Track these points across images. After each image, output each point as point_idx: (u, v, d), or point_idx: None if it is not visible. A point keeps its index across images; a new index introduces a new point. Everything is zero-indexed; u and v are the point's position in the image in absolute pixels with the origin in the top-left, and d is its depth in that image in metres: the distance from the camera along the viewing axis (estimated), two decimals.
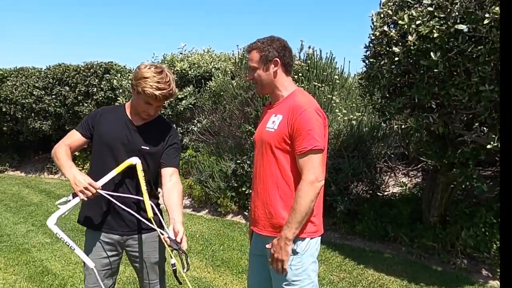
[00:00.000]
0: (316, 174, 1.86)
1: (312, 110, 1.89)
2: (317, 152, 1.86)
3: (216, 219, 5.92)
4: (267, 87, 2.04)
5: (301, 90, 2.08)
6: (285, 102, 2.00)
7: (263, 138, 2.03)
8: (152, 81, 2.01)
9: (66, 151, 2.13)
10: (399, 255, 4.32)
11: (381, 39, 3.65)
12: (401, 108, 3.60)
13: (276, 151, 1.95)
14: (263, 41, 1.99)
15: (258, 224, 2.08)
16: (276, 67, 1.98)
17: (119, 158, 2.14)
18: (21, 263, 4.37)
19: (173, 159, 2.21)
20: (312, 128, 1.85)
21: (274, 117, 1.99)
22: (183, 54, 7.32)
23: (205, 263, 4.29)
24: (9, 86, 9.06)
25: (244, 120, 5.74)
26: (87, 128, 2.20)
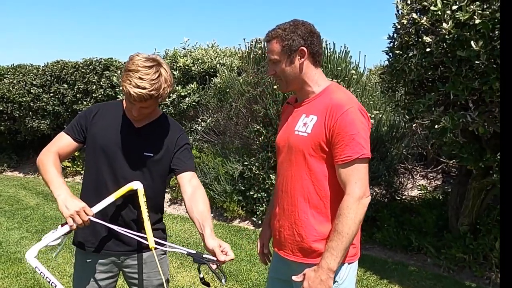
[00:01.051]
0: (364, 188, 1.52)
1: (355, 109, 1.55)
2: (363, 161, 1.53)
3: (222, 224, 5.54)
4: (293, 83, 1.68)
5: (337, 85, 1.71)
6: (319, 100, 1.65)
7: (291, 143, 1.66)
8: (134, 77, 1.62)
9: (55, 161, 1.75)
10: (425, 268, 3.92)
11: (409, 27, 3.25)
12: (431, 106, 3.20)
13: (309, 160, 1.60)
14: (284, 28, 1.62)
15: (284, 247, 1.72)
16: (303, 58, 1.62)
17: (117, 168, 1.79)
18: (12, 275, 4.01)
19: (188, 162, 1.86)
20: (357, 132, 1.51)
21: (305, 118, 1.64)
22: (186, 49, 6.93)
23: (211, 276, 3.91)
24: (6, 84, 8.71)
25: (252, 119, 5.35)
26: (79, 130, 1.82)
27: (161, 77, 1.65)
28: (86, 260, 1.85)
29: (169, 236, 5.02)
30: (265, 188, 5.20)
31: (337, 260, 1.51)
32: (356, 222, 1.50)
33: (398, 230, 4.38)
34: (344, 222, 1.49)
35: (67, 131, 1.83)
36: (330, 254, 1.51)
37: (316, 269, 1.53)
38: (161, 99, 1.70)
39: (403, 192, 5.41)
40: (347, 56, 5.33)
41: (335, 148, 1.53)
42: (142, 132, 1.83)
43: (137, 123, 1.83)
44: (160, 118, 1.88)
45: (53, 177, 1.68)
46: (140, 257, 1.89)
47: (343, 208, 1.51)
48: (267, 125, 5.17)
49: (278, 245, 1.77)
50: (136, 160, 1.80)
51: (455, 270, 3.80)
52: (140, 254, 1.88)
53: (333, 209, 1.58)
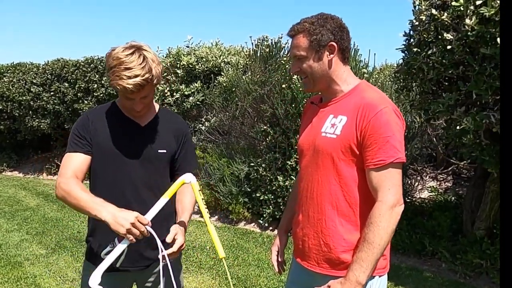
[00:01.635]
0: (398, 195, 1.39)
1: (390, 110, 1.42)
2: (398, 166, 1.40)
3: (227, 227, 5.40)
4: (321, 82, 1.54)
5: (368, 83, 1.58)
6: (348, 99, 1.51)
7: (317, 145, 1.52)
8: (120, 70, 1.50)
9: (80, 185, 1.58)
10: (440, 273, 3.78)
11: (428, 24, 3.11)
12: (452, 106, 3.06)
13: (339, 164, 1.47)
14: (312, 21, 1.49)
15: (308, 258, 1.58)
16: (332, 55, 1.49)
17: (132, 173, 1.67)
18: (12, 280, 3.87)
19: (193, 163, 1.83)
20: (392, 134, 1.39)
21: (333, 119, 1.50)
22: (190, 48, 6.79)
23: (218, 282, 3.77)
24: (5, 83, 8.59)
25: (259, 119, 5.21)
26: (84, 143, 1.65)
27: (147, 58, 1.53)
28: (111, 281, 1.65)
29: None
30: (272, 190, 5.06)
31: (366, 272, 1.38)
32: (388, 232, 1.37)
33: (410, 234, 4.24)
34: (376, 231, 1.36)
35: (73, 149, 1.65)
36: (359, 266, 1.37)
37: (343, 281, 1.40)
38: (156, 81, 1.57)
39: (413, 194, 5.27)
40: (357, 54, 5.19)
41: (367, 151, 1.40)
42: (150, 130, 1.72)
43: (141, 121, 1.71)
44: (160, 111, 1.79)
45: (90, 200, 1.52)
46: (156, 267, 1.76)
47: (374, 216, 1.38)
48: (275, 125, 5.03)
49: (301, 255, 1.63)
50: (151, 160, 1.70)
51: (472, 276, 3.66)
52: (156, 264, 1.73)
53: (362, 217, 1.45)
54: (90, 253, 1.75)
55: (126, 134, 1.69)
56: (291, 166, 4.91)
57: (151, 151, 1.70)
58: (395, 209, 1.37)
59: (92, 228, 1.76)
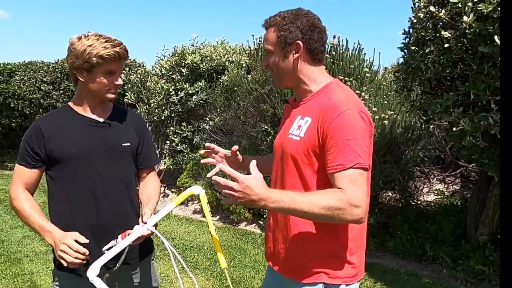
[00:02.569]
0: (363, 199, 1.26)
1: (354, 112, 1.33)
2: (360, 171, 1.29)
3: (227, 227, 5.35)
4: (287, 79, 1.48)
5: (339, 82, 1.49)
6: (316, 99, 1.45)
7: (284, 147, 1.48)
8: (100, 43, 1.57)
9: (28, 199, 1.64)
10: (440, 279, 3.66)
11: (426, 21, 3.00)
12: (449, 106, 2.95)
13: (302, 167, 1.41)
14: (284, 16, 1.43)
15: (278, 262, 1.54)
16: (297, 54, 1.42)
17: (101, 170, 1.66)
18: (9, 276, 3.90)
19: (154, 157, 1.91)
20: (353, 138, 1.29)
21: (300, 121, 1.45)
22: (195, 46, 6.76)
23: (212, 283, 3.73)
24: (17, 81, 8.70)
25: (260, 118, 5.15)
26: (31, 155, 1.64)
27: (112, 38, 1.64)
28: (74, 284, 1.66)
29: (173, 238, 4.87)
30: None
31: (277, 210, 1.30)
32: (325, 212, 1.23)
33: (412, 238, 4.12)
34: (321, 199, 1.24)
35: (23, 162, 1.66)
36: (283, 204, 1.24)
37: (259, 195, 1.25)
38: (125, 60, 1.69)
39: (418, 197, 5.13)
40: (361, 53, 5.08)
41: (327, 154, 1.32)
42: (110, 124, 1.72)
43: (99, 117, 1.71)
44: (116, 107, 1.81)
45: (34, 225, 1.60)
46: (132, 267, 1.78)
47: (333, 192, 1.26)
48: (276, 125, 4.96)
49: (273, 259, 1.59)
50: (117, 154, 1.70)
51: (473, 283, 3.53)
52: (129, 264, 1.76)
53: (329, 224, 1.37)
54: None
55: (87, 133, 1.68)
56: None
57: (115, 144, 1.71)
58: (354, 209, 1.23)
59: None
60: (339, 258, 1.42)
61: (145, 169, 1.84)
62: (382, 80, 5.18)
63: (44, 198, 1.77)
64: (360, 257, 1.48)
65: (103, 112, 1.73)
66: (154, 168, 1.91)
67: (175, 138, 6.53)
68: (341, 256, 1.42)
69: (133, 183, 1.80)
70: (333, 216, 1.24)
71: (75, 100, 1.73)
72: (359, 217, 1.26)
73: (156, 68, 7.07)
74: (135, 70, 7.40)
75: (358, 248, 1.47)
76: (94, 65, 1.59)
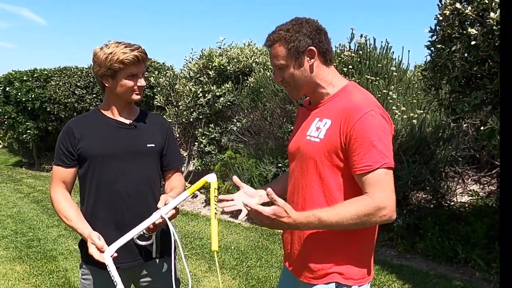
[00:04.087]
0: (390, 201, 1.30)
1: (376, 113, 1.35)
2: (387, 171, 1.32)
3: (254, 228, 5.38)
4: (305, 87, 1.49)
5: (355, 84, 1.51)
6: (334, 101, 1.46)
7: (302, 150, 1.48)
8: (120, 49, 1.67)
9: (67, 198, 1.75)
10: (472, 283, 3.56)
11: (452, 19, 2.93)
12: (478, 105, 2.87)
13: (321, 169, 1.41)
14: (287, 28, 1.44)
15: (294, 263, 1.55)
16: (313, 59, 1.44)
17: (128, 171, 1.75)
18: (45, 273, 4.08)
19: (179, 158, 1.99)
20: (378, 139, 1.32)
21: (319, 122, 1.45)
22: (222, 49, 6.84)
23: (238, 282, 3.77)
24: (52, 86, 9.07)
25: (286, 119, 5.16)
26: (66, 155, 1.75)
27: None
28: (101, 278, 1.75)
29: (201, 238, 4.94)
30: None
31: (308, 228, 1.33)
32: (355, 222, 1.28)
33: (443, 240, 4.02)
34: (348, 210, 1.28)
35: (59, 163, 1.77)
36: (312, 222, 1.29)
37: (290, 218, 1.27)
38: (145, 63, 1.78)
39: (451, 198, 4.98)
40: (389, 52, 5.01)
41: (353, 156, 1.33)
42: (136, 126, 1.81)
43: (126, 119, 1.80)
44: (141, 111, 1.90)
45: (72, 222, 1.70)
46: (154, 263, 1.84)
47: (359, 201, 1.30)
48: None
49: (289, 260, 1.60)
50: (142, 155, 1.78)
51: None
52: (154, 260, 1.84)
53: None
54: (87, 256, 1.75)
55: (114, 134, 1.77)
56: None
57: (141, 145, 1.79)
58: (382, 211, 1.27)
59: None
60: (354, 258, 1.42)
61: (170, 170, 1.91)
62: (412, 79, 5.07)
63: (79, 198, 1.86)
64: (369, 257, 1.48)
65: (130, 115, 1.82)
66: (179, 169, 1.98)
67: (203, 140, 6.64)
68: (356, 257, 1.42)
69: (158, 183, 1.87)
70: (364, 223, 1.29)
71: (103, 104, 1.84)
72: (388, 216, 1.29)
73: (184, 71, 7.20)
74: (164, 73, 7.56)
75: (371, 249, 1.48)
76: (117, 71, 1.68)
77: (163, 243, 1.83)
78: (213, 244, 1.50)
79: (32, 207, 6.75)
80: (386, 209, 1.27)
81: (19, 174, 10.08)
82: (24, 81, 9.50)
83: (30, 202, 7.14)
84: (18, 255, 4.55)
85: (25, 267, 4.20)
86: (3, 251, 4.70)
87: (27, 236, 5.25)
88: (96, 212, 1.76)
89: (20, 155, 11.57)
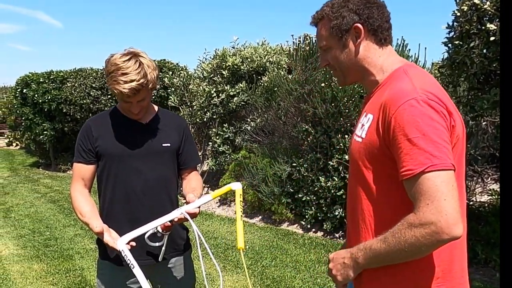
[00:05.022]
0: (439, 214, 0.98)
1: (419, 101, 1.06)
2: (437, 175, 1.02)
3: (269, 227, 5.37)
4: (352, 73, 1.29)
5: (408, 66, 1.22)
6: (380, 91, 1.22)
7: (350, 151, 1.31)
8: (117, 75, 1.61)
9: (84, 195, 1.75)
10: (493, 284, 3.49)
11: (470, 14, 2.88)
12: (497, 102, 2.81)
13: (366, 173, 1.19)
14: (332, 3, 1.25)
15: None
16: (359, 39, 1.23)
17: (143, 170, 1.76)
18: (62, 271, 4.12)
19: (195, 158, 1.97)
20: (421, 135, 1.03)
21: (363, 118, 1.24)
22: (235, 48, 6.84)
23: (253, 282, 3.76)
24: (68, 88, 9.18)
25: (301, 118, 5.13)
26: (86, 152, 1.77)
27: (143, 64, 1.64)
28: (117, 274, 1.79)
29: (215, 238, 4.95)
30: (314, 191, 4.96)
31: (366, 260, 1.13)
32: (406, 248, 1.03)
33: None
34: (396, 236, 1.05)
35: (79, 160, 1.79)
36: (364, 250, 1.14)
37: (347, 250, 1.20)
38: (152, 85, 1.69)
39: (470, 198, 4.90)
40: (405, 49, 4.94)
41: (396, 158, 1.09)
42: (152, 126, 1.82)
43: (143, 119, 1.81)
44: (160, 111, 1.90)
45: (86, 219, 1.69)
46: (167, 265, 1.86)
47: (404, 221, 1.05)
48: (316, 124, 4.93)
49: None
50: (157, 154, 1.80)
51: None
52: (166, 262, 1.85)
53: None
54: (104, 252, 1.82)
55: (130, 133, 1.78)
56: (333, 166, 4.78)
57: (156, 145, 1.80)
58: (432, 228, 0.99)
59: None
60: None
61: (187, 169, 1.92)
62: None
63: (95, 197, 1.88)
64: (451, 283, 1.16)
65: (147, 114, 1.82)
66: (196, 168, 1.99)
67: (217, 140, 6.64)
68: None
69: (173, 181, 1.88)
70: (419, 247, 1.02)
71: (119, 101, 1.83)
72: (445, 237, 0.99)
73: (198, 71, 7.22)
74: (178, 73, 7.59)
75: (447, 275, 1.15)
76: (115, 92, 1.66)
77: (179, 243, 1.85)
78: (239, 242, 1.52)
79: (49, 207, 6.84)
80: (434, 225, 0.98)
81: (36, 174, 10.24)
82: (41, 83, 9.64)
83: (47, 202, 7.24)
84: (35, 254, 4.61)
85: (42, 266, 4.26)
86: (21, 250, 4.77)
87: (44, 235, 5.32)
88: (112, 210, 1.78)
89: (37, 156, 11.74)
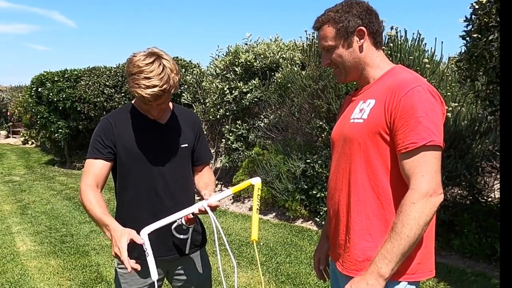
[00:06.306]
0: (434, 183, 1.23)
1: (424, 88, 1.28)
2: (433, 150, 1.25)
3: (283, 224, 5.35)
4: (354, 70, 1.45)
5: (402, 67, 1.45)
6: (378, 84, 1.42)
7: (345, 133, 1.43)
8: (139, 78, 1.55)
9: (96, 196, 1.62)
10: None
11: (489, 7, 2.81)
12: None
13: (366, 150, 1.35)
14: (336, 9, 1.42)
15: (338, 257, 1.48)
16: (363, 39, 1.41)
17: (162, 170, 1.75)
18: (78, 267, 4.16)
19: (208, 153, 1.99)
20: (425, 115, 1.24)
21: (362, 104, 1.41)
22: (248, 45, 6.81)
23: (267, 278, 3.74)
24: (82, 86, 9.26)
25: (315, 114, 5.09)
26: (107, 149, 1.71)
27: (166, 68, 1.59)
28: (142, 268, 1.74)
29: (229, 234, 4.95)
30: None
31: (390, 265, 1.24)
32: (420, 223, 1.21)
33: (480, 237, 3.88)
34: (405, 221, 1.22)
35: (94, 155, 1.70)
36: (383, 257, 1.24)
37: (363, 274, 1.29)
38: (173, 90, 1.64)
39: (488, 194, 4.80)
40: (421, 43, 4.86)
41: (398, 134, 1.27)
42: (170, 127, 1.80)
43: (161, 119, 1.79)
44: (175, 107, 1.87)
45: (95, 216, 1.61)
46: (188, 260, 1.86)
47: (405, 204, 1.23)
48: (330, 120, 4.88)
49: (332, 254, 1.54)
50: (177, 155, 1.78)
51: None
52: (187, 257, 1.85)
53: (393, 212, 1.32)
54: None
55: (149, 133, 1.76)
56: None
57: (175, 146, 1.78)
58: (431, 199, 1.22)
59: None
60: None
61: (200, 165, 1.91)
62: (445, 71, 4.91)
63: (109, 195, 1.86)
64: (428, 252, 1.36)
65: (164, 114, 1.79)
66: (208, 163, 1.98)
67: (230, 136, 6.64)
68: None
69: (190, 181, 1.87)
70: (423, 218, 1.22)
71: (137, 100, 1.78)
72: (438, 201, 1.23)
73: (211, 68, 7.21)
74: (191, 71, 7.59)
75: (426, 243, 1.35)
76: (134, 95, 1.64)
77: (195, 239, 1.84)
78: (253, 233, 1.52)
79: (65, 204, 6.92)
80: (432, 194, 1.21)
81: (51, 172, 10.37)
82: (55, 81, 9.74)
83: (63, 199, 7.32)
84: (52, 250, 4.66)
85: (59, 262, 4.31)
86: (38, 246, 4.83)
87: (60, 231, 5.38)
88: (132, 210, 1.75)
89: (52, 153, 11.90)
